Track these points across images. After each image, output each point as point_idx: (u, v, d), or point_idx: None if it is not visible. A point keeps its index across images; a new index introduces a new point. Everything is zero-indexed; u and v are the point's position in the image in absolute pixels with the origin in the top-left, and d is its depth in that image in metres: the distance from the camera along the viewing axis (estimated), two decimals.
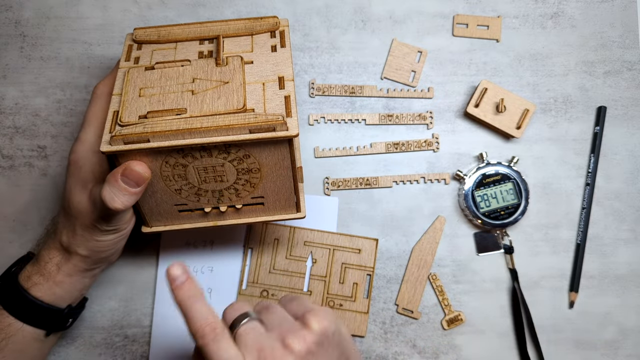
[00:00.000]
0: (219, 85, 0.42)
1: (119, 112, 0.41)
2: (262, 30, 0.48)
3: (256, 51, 0.46)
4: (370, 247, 0.56)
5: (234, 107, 0.40)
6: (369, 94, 0.58)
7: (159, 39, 0.47)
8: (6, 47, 0.57)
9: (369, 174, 0.57)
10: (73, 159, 0.45)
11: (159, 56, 0.46)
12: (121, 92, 0.43)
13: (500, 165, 0.56)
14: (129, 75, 0.44)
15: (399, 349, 0.55)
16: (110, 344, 0.54)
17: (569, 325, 0.56)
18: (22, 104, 0.57)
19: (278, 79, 0.43)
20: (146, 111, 0.41)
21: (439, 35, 0.59)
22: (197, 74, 0.43)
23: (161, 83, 0.43)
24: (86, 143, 0.45)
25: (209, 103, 0.41)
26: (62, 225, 0.46)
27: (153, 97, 0.42)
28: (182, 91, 0.42)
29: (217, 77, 0.43)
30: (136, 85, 0.43)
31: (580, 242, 0.56)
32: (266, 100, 0.42)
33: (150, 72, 0.44)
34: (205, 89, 0.42)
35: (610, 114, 0.58)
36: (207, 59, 0.45)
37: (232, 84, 0.42)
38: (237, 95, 0.41)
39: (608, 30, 0.59)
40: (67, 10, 0.58)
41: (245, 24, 0.48)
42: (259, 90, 0.42)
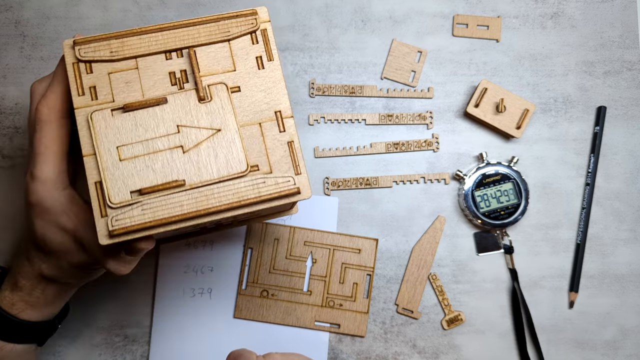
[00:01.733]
0: (212, 136, 0.37)
1: (104, 185, 0.35)
2: (240, 34, 0.39)
3: (239, 68, 0.39)
4: (370, 247, 0.56)
5: (237, 170, 0.36)
6: (369, 94, 0.58)
7: (112, 56, 0.38)
8: (6, 47, 0.57)
9: (369, 174, 0.57)
10: (35, 200, 0.38)
11: (120, 83, 0.38)
12: (94, 151, 0.36)
13: (500, 165, 0.56)
14: (94, 124, 0.36)
15: (399, 349, 0.55)
16: (110, 344, 0.54)
17: (569, 325, 0.56)
18: (22, 104, 0.57)
19: (275, 115, 0.38)
20: (138, 186, 0.36)
21: (439, 35, 0.59)
22: (179, 118, 0.37)
23: (140, 135, 0.36)
24: (47, 183, 0.38)
25: (207, 166, 0.36)
26: (39, 259, 0.41)
27: (138, 160, 0.36)
28: (170, 148, 0.36)
29: (205, 121, 0.37)
30: (110, 141, 0.36)
31: (580, 242, 0.56)
32: (268, 150, 0.38)
33: (120, 118, 0.37)
34: (196, 143, 0.37)
35: (610, 114, 0.58)
36: (185, 92, 0.38)
37: (226, 131, 0.37)
38: (236, 149, 0.37)
39: (608, 30, 0.59)
40: (67, 10, 0.58)
41: (218, 27, 0.39)
42: (257, 134, 0.38)
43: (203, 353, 0.54)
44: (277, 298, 0.55)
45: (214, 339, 0.54)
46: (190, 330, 0.54)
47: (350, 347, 0.55)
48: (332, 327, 0.55)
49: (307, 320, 0.55)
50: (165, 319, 0.54)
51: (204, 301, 0.55)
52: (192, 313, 0.54)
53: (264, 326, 0.55)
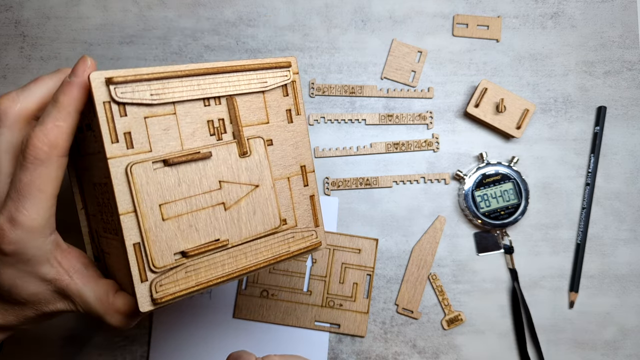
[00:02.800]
0: (251, 192, 0.37)
1: (146, 247, 0.32)
2: (275, 85, 0.38)
3: (272, 121, 0.39)
4: (370, 247, 0.56)
5: (272, 226, 0.38)
6: (369, 94, 0.58)
7: (153, 100, 0.33)
8: (6, 47, 0.57)
9: (369, 174, 0.57)
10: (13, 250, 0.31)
11: (157, 131, 0.34)
12: (134, 209, 0.32)
13: (500, 165, 0.56)
14: (134, 178, 0.32)
15: (399, 349, 0.55)
16: (110, 344, 0.54)
17: (569, 325, 0.56)
18: None
19: (301, 169, 0.40)
20: (182, 247, 0.34)
21: (439, 35, 0.59)
22: (222, 174, 0.36)
23: (183, 192, 0.34)
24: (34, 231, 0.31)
25: (246, 223, 0.36)
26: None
27: (181, 219, 0.34)
28: (213, 205, 0.35)
29: (245, 176, 0.37)
30: (152, 199, 0.33)
31: (580, 242, 0.56)
32: (295, 205, 0.39)
33: (162, 173, 0.33)
34: (237, 200, 0.36)
35: (610, 114, 0.58)
36: (227, 145, 0.36)
37: (263, 188, 0.37)
38: (271, 206, 0.38)
39: (608, 30, 0.59)
40: (67, 10, 0.58)
41: (257, 76, 0.38)
42: (286, 189, 0.39)
43: (203, 353, 0.54)
44: (277, 298, 0.55)
45: (214, 339, 0.54)
46: (190, 330, 0.54)
47: (350, 347, 0.55)
48: (332, 327, 0.55)
49: (307, 320, 0.55)
50: (165, 319, 0.54)
51: (204, 301, 0.55)
52: (192, 313, 0.55)
53: (263, 326, 0.55)
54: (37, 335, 0.54)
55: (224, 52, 0.57)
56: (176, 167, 0.34)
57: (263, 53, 0.57)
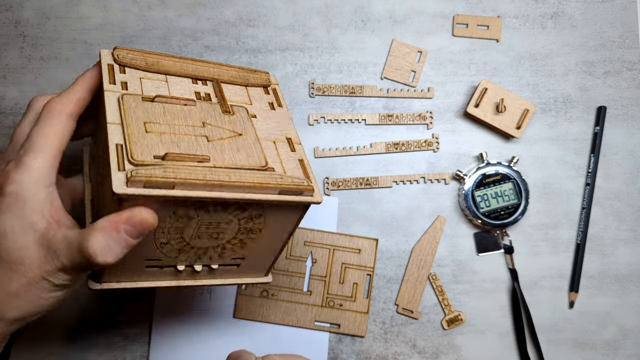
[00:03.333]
0: (234, 136, 0.38)
1: (127, 146, 0.34)
2: (255, 84, 0.45)
3: (255, 105, 0.43)
4: (370, 247, 0.56)
5: (257, 164, 0.37)
6: (369, 94, 0.58)
7: (147, 67, 0.41)
8: (6, 47, 0.57)
9: (369, 174, 0.57)
10: (13, 190, 0.33)
11: (150, 87, 0.40)
12: (121, 121, 0.36)
13: (500, 165, 0.56)
14: (125, 103, 0.37)
15: (399, 349, 0.55)
16: (110, 344, 0.54)
17: (569, 325, 0.56)
18: (22, 104, 0.57)
19: (286, 140, 0.41)
20: (163, 152, 0.35)
21: (439, 35, 0.59)
22: (205, 118, 0.39)
23: (167, 120, 0.37)
24: (34, 174, 0.34)
25: (230, 154, 0.37)
26: None
27: (164, 135, 0.36)
28: (196, 135, 0.37)
29: (228, 126, 0.39)
30: (138, 117, 0.36)
31: (580, 242, 0.56)
32: (282, 160, 0.39)
33: (150, 105, 0.38)
34: (220, 138, 0.38)
35: (610, 114, 0.58)
36: (210, 103, 0.40)
37: (246, 137, 0.39)
38: (256, 150, 0.38)
39: (608, 30, 0.59)
40: (67, 10, 0.58)
41: (238, 73, 0.45)
42: (272, 148, 0.40)
43: (203, 353, 0.54)
44: (277, 298, 0.55)
45: (214, 339, 0.54)
46: (190, 330, 0.54)
47: (350, 347, 0.55)
48: (332, 327, 0.55)
49: (307, 320, 0.55)
50: (165, 319, 0.54)
51: (204, 301, 0.55)
52: (192, 313, 0.55)
53: (263, 326, 0.55)
54: (37, 335, 0.54)
55: (224, 52, 0.57)
56: (162, 104, 0.38)
57: (263, 53, 0.57)
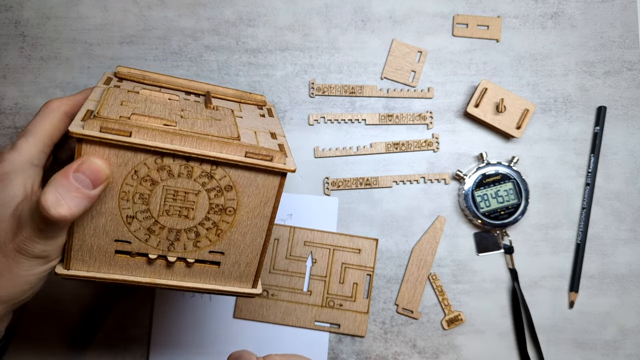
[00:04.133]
0: (211, 119, 0.39)
1: (96, 109, 0.35)
2: (250, 102, 0.48)
3: (245, 113, 0.44)
4: (370, 247, 0.56)
5: (228, 135, 0.36)
6: (369, 94, 0.58)
7: (144, 80, 0.45)
8: (6, 47, 0.57)
9: (369, 174, 0.57)
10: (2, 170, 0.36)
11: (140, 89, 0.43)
12: (99, 99, 0.38)
13: (500, 165, 0.56)
14: (109, 90, 0.39)
15: (399, 349, 0.55)
16: (110, 344, 0.54)
17: (569, 325, 0.56)
18: (22, 104, 0.57)
19: (270, 133, 0.40)
20: (130, 113, 0.35)
21: (439, 35, 0.59)
22: (185, 108, 0.40)
23: (146, 102, 0.39)
24: (24, 153, 0.36)
25: (200, 127, 0.36)
26: None
27: (137, 108, 0.37)
28: (170, 112, 0.38)
29: (206, 114, 0.40)
30: (117, 98, 0.38)
31: (580, 242, 0.56)
32: (259, 140, 0.38)
33: (134, 95, 0.40)
34: (195, 118, 0.38)
35: (610, 114, 0.58)
36: (196, 102, 0.43)
37: (224, 121, 0.39)
38: (231, 129, 0.38)
39: (608, 30, 0.59)
40: (67, 10, 0.58)
41: (234, 92, 0.48)
42: (251, 135, 0.39)
43: (203, 353, 0.54)
44: (277, 298, 0.55)
45: (214, 339, 0.54)
46: (190, 330, 0.54)
47: (350, 347, 0.55)
48: (332, 327, 0.55)
49: (307, 320, 0.55)
50: (165, 319, 0.54)
51: (204, 301, 0.55)
52: (192, 313, 0.55)
53: (264, 326, 0.55)
54: (37, 336, 0.54)
55: (224, 52, 0.57)
56: (146, 93, 0.41)
57: (263, 53, 0.57)
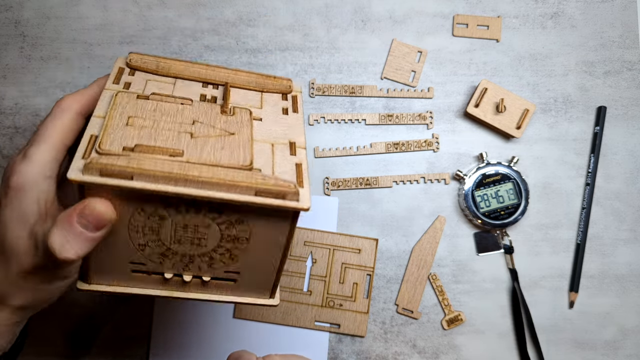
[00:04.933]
0: (223, 135, 0.36)
1: (99, 137, 0.33)
2: (273, 90, 0.42)
3: (266, 109, 0.40)
4: (370, 247, 0.56)
5: (239, 163, 0.34)
6: (369, 94, 0.58)
7: (157, 70, 0.41)
8: (6, 47, 0.57)
9: (369, 174, 0.57)
10: (16, 182, 0.34)
11: (154, 87, 0.39)
12: (105, 115, 0.35)
13: (500, 165, 0.56)
14: (116, 99, 0.36)
15: (399, 349, 0.55)
16: (111, 344, 0.54)
17: (569, 325, 0.56)
18: (22, 104, 0.57)
19: (289, 143, 0.37)
20: (134, 143, 0.33)
21: (439, 35, 0.59)
22: (198, 117, 0.37)
23: (155, 116, 0.36)
24: (36, 164, 0.35)
25: (210, 151, 0.34)
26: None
27: (144, 129, 0.34)
28: (180, 131, 0.35)
29: (221, 125, 0.36)
30: (124, 111, 0.35)
31: (580, 242, 0.56)
32: (275, 163, 0.35)
33: (143, 102, 0.37)
34: (206, 135, 0.35)
35: (610, 114, 0.58)
36: (211, 103, 0.39)
37: (239, 136, 0.36)
38: (244, 150, 0.35)
39: (608, 30, 0.59)
40: (67, 10, 0.58)
41: (256, 79, 0.42)
42: (268, 150, 0.36)
43: (203, 353, 0.54)
44: None
45: (214, 339, 0.54)
46: (190, 330, 0.54)
47: (350, 347, 0.55)
48: (332, 327, 0.55)
49: (307, 320, 0.55)
50: (165, 319, 0.54)
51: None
52: (192, 313, 0.55)
53: (264, 326, 0.55)
54: (38, 336, 0.54)
55: (224, 52, 0.57)
56: (157, 101, 0.37)
57: (263, 53, 0.57)
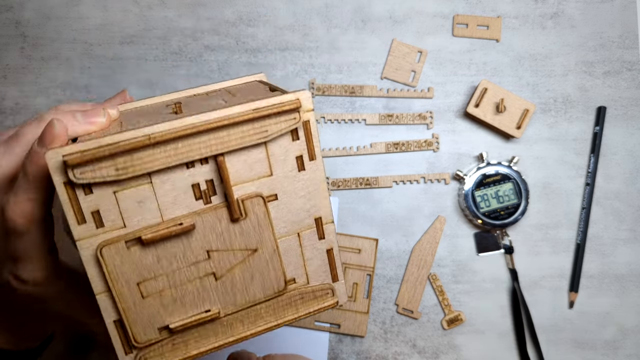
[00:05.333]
0: (247, 257, 0.32)
1: (125, 324, 0.31)
2: (279, 132, 0.31)
3: (277, 172, 0.32)
4: (370, 247, 0.56)
5: (275, 290, 0.33)
6: (369, 94, 0.58)
7: (119, 175, 0.29)
8: (7, 47, 0.57)
9: (369, 174, 0.57)
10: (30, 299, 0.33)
11: (130, 204, 0.30)
12: (109, 288, 0.30)
13: (500, 165, 0.56)
14: (106, 261, 0.29)
15: (399, 349, 0.55)
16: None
17: (569, 325, 0.56)
18: (22, 104, 0.57)
19: (315, 222, 0.34)
20: (167, 322, 0.31)
21: (439, 35, 0.59)
22: (210, 243, 0.31)
23: (164, 268, 0.31)
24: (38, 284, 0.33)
25: (242, 290, 0.32)
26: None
27: (163, 294, 0.31)
28: (200, 277, 0.31)
29: (239, 243, 0.32)
30: (128, 278, 0.30)
31: (580, 242, 0.56)
32: (306, 261, 0.34)
33: (139, 251, 0.30)
34: (230, 267, 0.32)
35: (610, 114, 0.58)
36: (215, 210, 0.31)
37: (263, 250, 0.32)
38: (274, 269, 0.33)
39: (608, 31, 0.59)
40: (67, 10, 0.58)
41: (254, 127, 0.30)
42: (295, 245, 0.33)
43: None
44: None
45: None
46: None
47: (350, 347, 0.55)
48: (332, 327, 0.55)
49: (307, 320, 0.55)
50: None
51: None
52: None
53: None
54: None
55: (224, 52, 0.57)
56: (154, 246, 0.30)
57: (263, 53, 0.57)
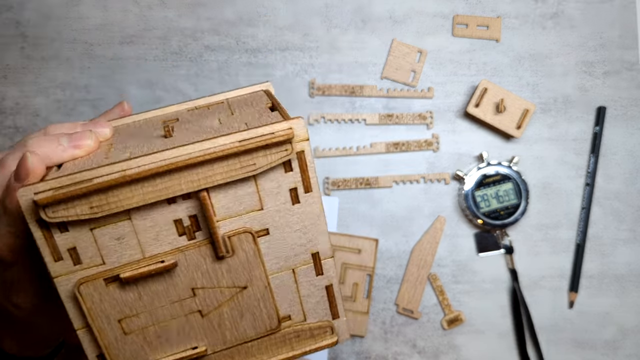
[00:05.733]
0: (235, 295, 0.30)
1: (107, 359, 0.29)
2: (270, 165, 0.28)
3: (268, 205, 0.29)
4: (370, 247, 0.56)
5: (267, 327, 0.30)
6: (369, 94, 0.58)
7: (94, 213, 0.27)
8: (7, 47, 0.57)
9: (369, 174, 0.57)
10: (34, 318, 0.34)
11: (109, 241, 0.28)
12: (86, 325, 0.29)
13: (500, 165, 0.56)
14: (84, 299, 0.28)
15: (399, 349, 0.55)
16: None
17: (569, 325, 0.56)
18: (22, 104, 0.57)
19: (312, 257, 0.31)
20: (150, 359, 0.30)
21: (439, 35, 0.59)
22: (194, 280, 0.29)
23: (146, 306, 0.29)
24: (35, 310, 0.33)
25: (231, 328, 0.30)
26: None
27: (147, 331, 0.29)
28: (186, 314, 0.29)
29: (226, 280, 0.29)
30: (109, 316, 0.28)
31: (580, 242, 0.56)
32: (302, 298, 0.31)
33: (118, 289, 0.28)
34: (218, 305, 0.30)
35: (610, 114, 0.58)
36: (199, 247, 0.29)
37: (253, 288, 0.30)
38: (266, 306, 0.30)
39: (608, 31, 0.59)
40: (67, 10, 0.58)
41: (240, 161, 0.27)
42: (290, 282, 0.31)
43: None
44: None
45: None
46: None
47: (350, 347, 0.55)
48: None
49: None
50: None
51: None
52: None
53: None
54: None
55: (224, 52, 0.57)
56: (135, 284, 0.28)
57: (263, 53, 0.57)
